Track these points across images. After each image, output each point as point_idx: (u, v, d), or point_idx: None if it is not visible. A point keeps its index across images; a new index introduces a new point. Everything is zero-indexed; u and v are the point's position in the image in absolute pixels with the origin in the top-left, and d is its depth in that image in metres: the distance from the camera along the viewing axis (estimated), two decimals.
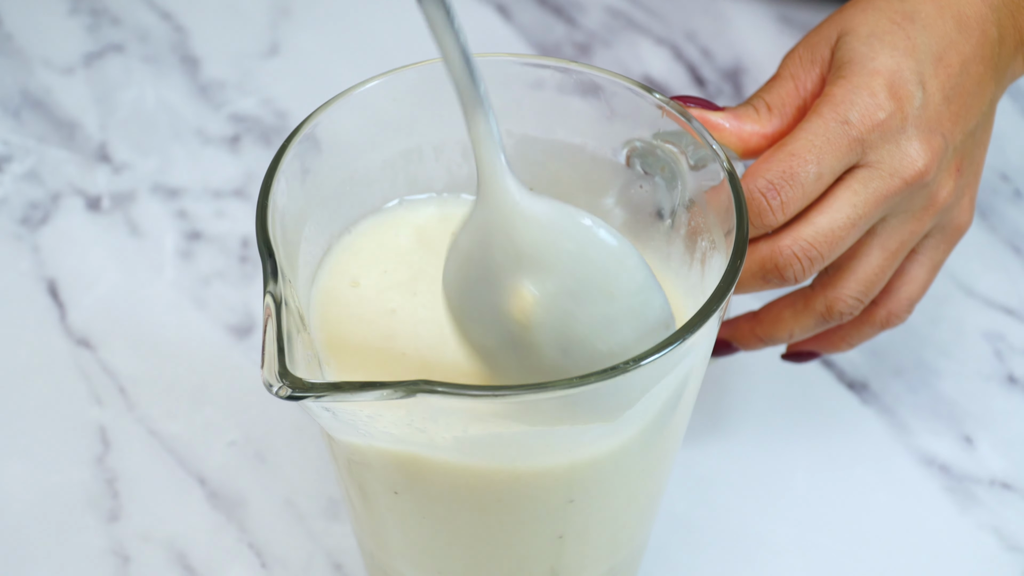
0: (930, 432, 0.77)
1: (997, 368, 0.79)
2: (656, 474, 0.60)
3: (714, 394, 0.78)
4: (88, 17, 0.96)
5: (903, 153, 0.62)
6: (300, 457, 0.75)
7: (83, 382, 0.78)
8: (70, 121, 0.90)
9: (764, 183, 0.61)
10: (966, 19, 0.64)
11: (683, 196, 0.61)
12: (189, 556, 0.72)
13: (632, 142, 0.63)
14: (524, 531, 0.58)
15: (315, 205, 0.60)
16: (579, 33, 0.96)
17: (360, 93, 0.60)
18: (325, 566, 0.71)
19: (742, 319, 0.69)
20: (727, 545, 0.73)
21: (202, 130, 0.90)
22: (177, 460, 0.75)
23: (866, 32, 0.63)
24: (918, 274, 0.68)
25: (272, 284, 0.53)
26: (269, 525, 0.73)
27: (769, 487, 0.75)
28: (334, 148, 0.61)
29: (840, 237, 0.62)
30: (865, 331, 0.70)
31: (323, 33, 0.96)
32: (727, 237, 0.57)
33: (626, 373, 0.51)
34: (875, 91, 0.62)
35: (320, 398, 0.50)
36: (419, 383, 0.50)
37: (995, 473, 0.75)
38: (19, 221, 0.85)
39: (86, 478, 0.74)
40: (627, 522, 0.61)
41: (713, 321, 0.54)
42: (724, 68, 0.94)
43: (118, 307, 0.81)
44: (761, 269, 0.63)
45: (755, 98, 0.65)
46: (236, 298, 0.82)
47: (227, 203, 0.86)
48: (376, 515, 0.60)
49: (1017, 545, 0.73)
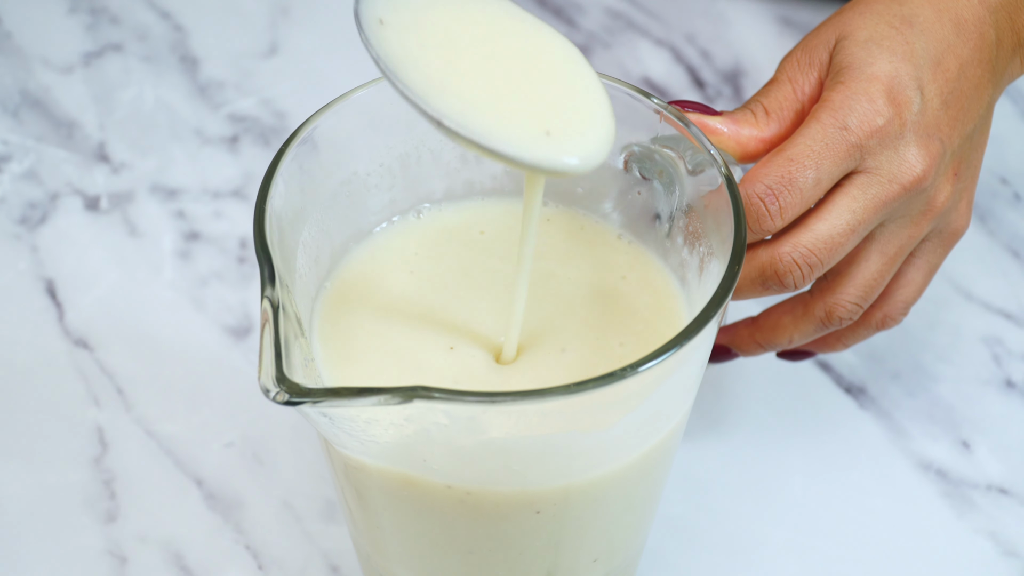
0: (927, 436, 0.77)
1: (995, 373, 0.79)
2: (653, 478, 0.60)
3: (712, 397, 0.78)
4: (87, 16, 0.96)
5: (901, 159, 0.62)
6: (297, 459, 0.75)
7: (81, 382, 0.78)
8: (69, 121, 0.90)
9: (762, 188, 0.61)
10: (964, 22, 0.64)
11: (681, 201, 0.61)
12: (186, 557, 0.72)
13: (630, 147, 0.63)
14: (521, 536, 0.58)
15: (313, 209, 0.60)
16: (579, 34, 0.96)
17: (358, 96, 0.60)
18: (322, 568, 0.71)
19: (741, 324, 0.69)
20: (724, 548, 0.73)
21: (201, 130, 0.90)
22: (174, 461, 0.75)
23: (864, 37, 0.63)
24: (915, 277, 0.68)
25: (269, 289, 0.53)
26: (266, 526, 0.73)
27: (766, 490, 0.75)
28: (332, 151, 0.61)
29: (839, 243, 0.62)
30: (860, 332, 0.70)
31: (322, 33, 0.96)
32: (725, 242, 0.57)
33: (623, 379, 0.51)
34: (873, 97, 0.62)
35: (317, 403, 0.50)
36: (416, 389, 0.50)
37: (992, 478, 0.75)
38: (17, 221, 0.85)
39: (84, 479, 0.74)
40: (624, 526, 0.61)
41: (711, 326, 0.54)
42: (724, 70, 0.94)
43: (116, 307, 0.81)
44: (760, 275, 0.63)
45: (753, 102, 0.64)
46: (234, 299, 0.82)
47: (225, 203, 0.86)
48: (372, 518, 0.60)
49: (1013, 550, 0.73)
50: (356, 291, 0.62)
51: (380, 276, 0.62)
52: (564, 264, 0.63)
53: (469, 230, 0.64)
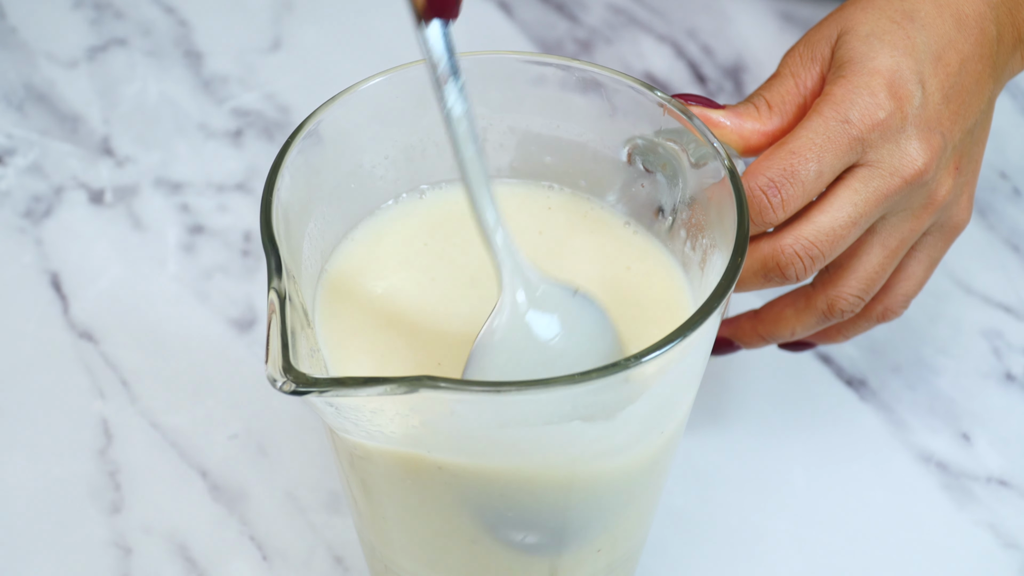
0: (928, 429, 0.77)
1: (995, 366, 0.80)
2: (656, 471, 0.61)
3: (714, 390, 0.78)
4: (92, 11, 0.96)
5: (903, 152, 0.63)
6: (301, 450, 0.75)
7: (86, 375, 0.78)
8: (73, 115, 0.91)
9: (765, 181, 0.61)
10: (965, 17, 0.65)
11: (684, 193, 0.62)
12: (190, 548, 0.72)
13: (634, 139, 0.63)
14: (524, 528, 0.58)
15: (318, 201, 0.61)
16: (581, 30, 0.96)
17: (363, 90, 0.61)
18: (326, 559, 0.72)
19: (743, 317, 0.70)
20: (726, 540, 0.73)
21: (205, 124, 0.90)
22: (179, 453, 0.75)
23: (866, 31, 0.63)
24: (915, 271, 0.69)
25: (276, 280, 0.53)
26: (270, 518, 0.73)
27: (767, 483, 0.75)
28: (337, 144, 0.61)
29: (841, 236, 0.62)
30: (861, 325, 0.70)
31: (325, 28, 0.96)
32: (728, 234, 0.58)
33: (627, 370, 0.51)
34: (875, 90, 0.62)
35: (323, 393, 0.50)
36: (422, 379, 0.50)
37: (992, 470, 0.76)
38: (22, 214, 0.85)
39: (88, 470, 0.74)
40: (627, 517, 0.62)
41: (714, 318, 0.54)
42: (725, 65, 0.94)
43: (121, 300, 0.81)
44: (763, 267, 0.63)
45: (755, 96, 0.65)
46: (238, 292, 0.82)
47: (229, 197, 0.87)
48: (377, 509, 0.60)
49: (1014, 542, 0.73)
50: (361, 281, 0.62)
51: (385, 265, 0.62)
52: (569, 252, 0.63)
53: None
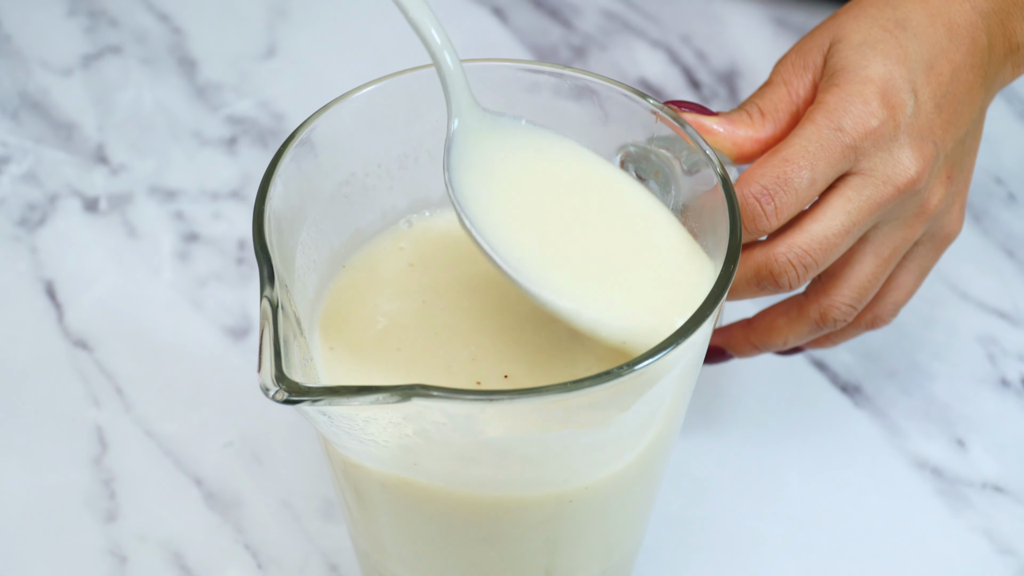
0: (923, 435, 0.77)
1: (990, 371, 0.80)
2: (650, 477, 0.61)
3: (708, 396, 0.78)
4: (86, 19, 0.96)
5: (895, 160, 0.63)
6: (296, 458, 0.75)
7: (80, 383, 0.78)
8: (68, 122, 0.91)
9: (758, 188, 0.61)
10: (956, 27, 0.65)
11: (677, 201, 0.62)
12: (186, 556, 0.72)
13: (626, 147, 0.63)
14: (518, 535, 0.58)
15: (312, 209, 0.61)
16: (575, 36, 0.96)
17: (356, 98, 0.61)
18: (321, 567, 0.72)
19: (736, 326, 0.70)
20: (720, 546, 0.73)
21: (199, 132, 0.90)
22: (174, 461, 0.75)
23: (858, 40, 0.64)
24: (906, 280, 0.69)
25: (268, 289, 0.53)
26: (265, 526, 0.73)
27: (762, 489, 0.75)
28: (330, 152, 0.61)
29: (834, 244, 0.62)
30: (850, 332, 0.70)
31: (320, 35, 0.96)
32: (720, 242, 0.58)
33: (620, 378, 0.51)
34: (868, 99, 0.62)
35: (316, 402, 0.51)
36: (415, 387, 0.50)
37: (987, 476, 0.76)
38: (17, 222, 0.85)
39: (83, 478, 0.74)
40: (621, 525, 0.62)
41: (706, 326, 0.55)
42: (719, 71, 0.95)
43: (115, 308, 0.81)
44: (756, 275, 0.63)
45: (748, 103, 0.65)
46: (233, 299, 0.82)
47: (224, 205, 0.87)
48: (371, 517, 0.60)
49: (1009, 548, 0.73)
50: (354, 291, 0.62)
51: (379, 275, 0.63)
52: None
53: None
